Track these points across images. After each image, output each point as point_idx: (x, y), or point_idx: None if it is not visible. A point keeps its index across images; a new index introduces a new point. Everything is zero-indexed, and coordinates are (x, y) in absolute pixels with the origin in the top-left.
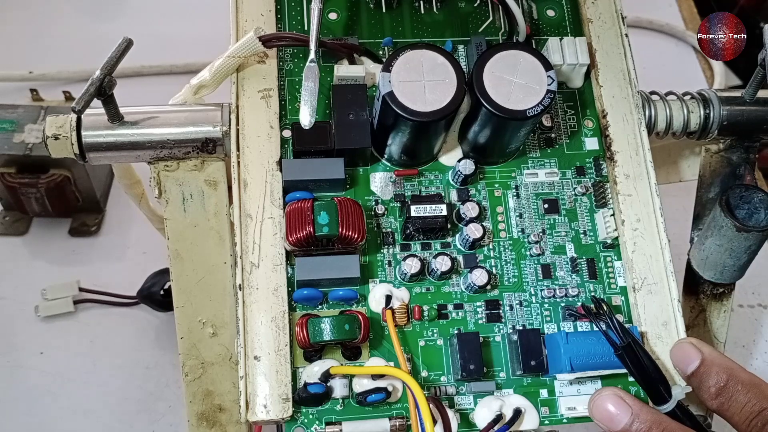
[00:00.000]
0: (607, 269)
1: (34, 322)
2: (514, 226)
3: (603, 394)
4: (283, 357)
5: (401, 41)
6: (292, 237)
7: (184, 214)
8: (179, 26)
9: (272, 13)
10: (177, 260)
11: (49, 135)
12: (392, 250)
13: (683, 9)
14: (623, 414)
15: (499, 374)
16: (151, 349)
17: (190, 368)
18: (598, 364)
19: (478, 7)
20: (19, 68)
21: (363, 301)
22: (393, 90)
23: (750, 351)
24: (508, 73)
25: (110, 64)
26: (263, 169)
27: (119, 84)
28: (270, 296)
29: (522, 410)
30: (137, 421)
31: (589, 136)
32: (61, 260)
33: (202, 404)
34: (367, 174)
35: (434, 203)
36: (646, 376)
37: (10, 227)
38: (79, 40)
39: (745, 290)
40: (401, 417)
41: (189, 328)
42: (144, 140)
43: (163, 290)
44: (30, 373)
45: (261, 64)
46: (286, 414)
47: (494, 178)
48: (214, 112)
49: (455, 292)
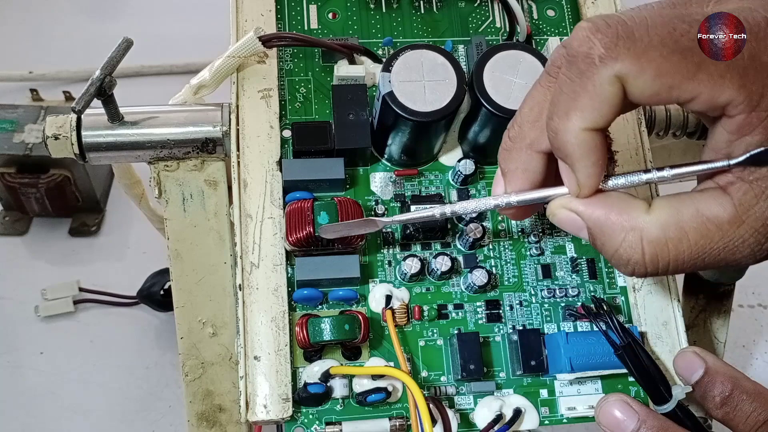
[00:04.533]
0: (607, 269)
1: (34, 322)
2: (514, 226)
3: (609, 400)
4: (283, 357)
5: (401, 41)
6: (292, 237)
7: (184, 214)
8: (179, 26)
9: (272, 13)
10: (177, 260)
11: (49, 135)
12: (392, 250)
13: None
14: (630, 420)
15: (499, 374)
16: (151, 349)
17: (190, 368)
18: (598, 364)
19: (478, 7)
20: (19, 68)
21: (363, 301)
22: (393, 90)
23: (750, 351)
24: (508, 73)
25: (110, 64)
26: (263, 169)
27: (119, 84)
28: (270, 296)
29: (522, 410)
30: (137, 421)
31: None
32: (61, 260)
33: (202, 404)
34: (367, 174)
35: (434, 203)
36: (646, 376)
37: (10, 227)
38: (79, 40)
39: (745, 290)
40: (401, 417)
41: (189, 328)
42: (144, 140)
43: (163, 290)
44: (30, 373)
45: (261, 64)
46: (286, 414)
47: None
48: (214, 112)
49: (455, 292)
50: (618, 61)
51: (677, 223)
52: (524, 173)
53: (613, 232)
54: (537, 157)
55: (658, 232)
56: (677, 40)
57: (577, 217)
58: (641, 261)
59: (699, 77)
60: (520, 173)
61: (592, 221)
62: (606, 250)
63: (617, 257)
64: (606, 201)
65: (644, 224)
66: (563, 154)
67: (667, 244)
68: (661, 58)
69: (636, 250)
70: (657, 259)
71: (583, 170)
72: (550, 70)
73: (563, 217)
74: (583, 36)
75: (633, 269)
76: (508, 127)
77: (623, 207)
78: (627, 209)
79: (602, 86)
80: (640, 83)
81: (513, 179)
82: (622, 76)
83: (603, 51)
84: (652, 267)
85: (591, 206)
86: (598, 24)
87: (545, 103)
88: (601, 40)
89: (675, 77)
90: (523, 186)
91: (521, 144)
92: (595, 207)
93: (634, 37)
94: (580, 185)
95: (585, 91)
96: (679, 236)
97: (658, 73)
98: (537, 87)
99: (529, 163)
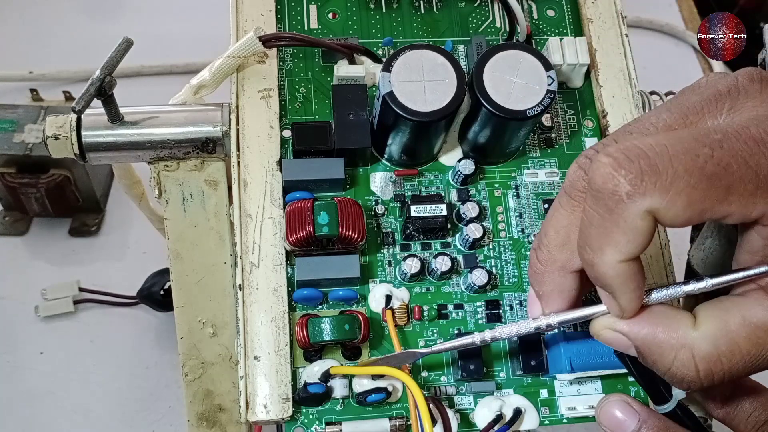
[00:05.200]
0: None
1: (34, 322)
2: (514, 226)
3: (610, 400)
4: (283, 357)
5: (401, 41)
6: (292, 237)
7: (184, 214)
8: (179, 26)
9: (272, 13)
10: (177, 260)
11: (49, 135)
12: (392, 250)
13: (683, 9)
14: (631, 420)
15: (499, 374)
16: (151, 349)
17: (190, 368)
18: (598, 364)
19: (478, 7)
20: (19, 68)
21: (363, 301)
22: (393, 90)
23: None
24: (508, 73)
25: (110, 64)
26: (263, 169)
27: (119, 84)
28: (270, 296)
29: (522, 410)
30: (137, 421)
31: (589, 136)
32: (61, 260)
33: (202, 404)
34: (367, 174)
35: (434, 203)
36: (646, 375)
37: (10, 227)
38: (79, 40)
39: None
40: (401, 417)
41: (189, 328)
42: (144, 140)
43: (163, 290)
44: (30, 373)
45: (261, 64)
46: (286, 414)
47: (494, 178)
48: (214, 112)
49: (455, 292)
50: (647, 197)
51: (727, 336)
52: (560, 294)
53: (662, 351)
54: (571, 277)
55: (710, 347)
56: (702, 167)
57: (623, 337)
58: (696, 378)
59: (730, 199)
60: (557, 294)
61: (639, 341)
62: (658, 368)
63: (671, 375)
64: (650, 318)
65: (694, 341)
66: (602, 284)
67: (720, 358)
68: (690, 188)
69: (689, 368)
70: (712, 374)
71: (624, 297)
72: (570, 192)
73: (609, 337)
74: (606, 173)
75: (689, 386)
76: (534, 248)
77: (669, 323)
78: (673, 325)
79: (634, 221)
80: (672, 214)
81: (550, 301)
82: (653, 210)
83: (630, 188)
84: (708, 382)
85: (636, 325)
86: (620, 160)
87: (571, 226)
88: (626, 176)
89: (706, 203)
90: (561, 306)
91: (553, 267)
92: (641, 326)
93: (659, 170)
94: (623, 309)
95: (617, 227)
96: (731, 349)
97: (689, 203)
98: (559, 210)
99: (564, 285)
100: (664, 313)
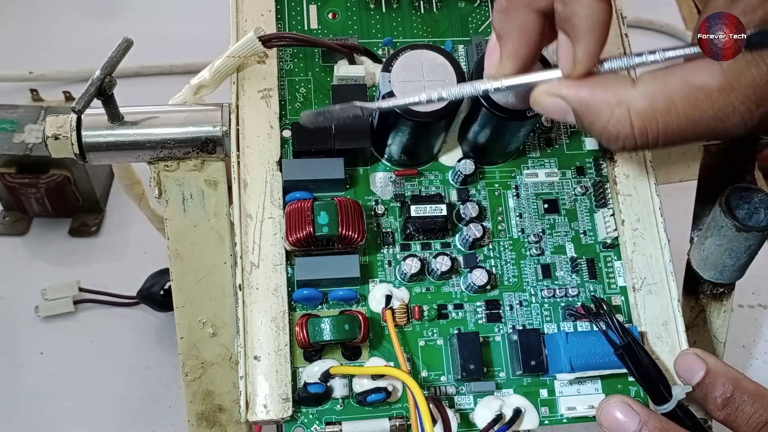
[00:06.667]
0: (607, 269)
1: (34, 322)
2: (514, 226)
3: (611, 401)
4: (283, 357)
5: (401, 41)
6: (292, 237)
7: (184, 214)
8: (179, 26)
9: (272, 13)
10: (177, 260)
11: (49, 135)
12: (392, 250)
13: (683, 9)
14: (631, 421)
15: (499, 374)
16: (151, 349)
17: (190, 368)
18: (598, 364)
19: (478, 7)
20: (19, 68)
21: (363, 301)
22: (393, 90)
23: (750, 351)
24: None
25: (110, 64)
26: (263, 169)
27: (119, 84)
28: (270, 296)
29: (522, 410)
30: (137, 421)
31: (589, 136)
32: (61, 260)
33: (202, 404)
34: (367, 174)
35: (434, 203)
36: (646, 375)
37: (10, 227)
38: (79, 40)
39: (745, 290)
40: (401, 417)
41: (189, 328)
42: (144, 140)
43: (163, 290)
44: (30, 373)
45: (261, 64)
46: (286, 414)
47: (494, 178)
48: (214, 112)
49: (455, 292)
50: None
51: (665, 94)
52: (521, 34)
53: (599, 110)
54: (534, 15)
55: (646, 104)
56: None
57: (562, 102)
58: (630, 134)
59: None
60: (518, 34)
61: (577, 102)
62: (594, 128)
63: (606, 134)
64: (592, 81)
65: (631, 98)
66: (569, 26)
67: (656, 115)
68: None
69: (624, 125)
70: (646, 131)
71: (584, 46)
72: None
73: (548, 103)
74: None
75: (623, 144)
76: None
77: (608, 84)
78: (612, 86)
79: None
80: None
81: (509, 41)
82: None
83: None
84: (642, 140)
85: (576, 88)
86: None
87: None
88: None
89: None
90: (520, 49)
91: (518, 3)
92: (581, 88)
93: None
94: (576, 61)
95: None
96: (667, 107)
97: None
98: None
99: (526, 23)
100: (605, 77)
